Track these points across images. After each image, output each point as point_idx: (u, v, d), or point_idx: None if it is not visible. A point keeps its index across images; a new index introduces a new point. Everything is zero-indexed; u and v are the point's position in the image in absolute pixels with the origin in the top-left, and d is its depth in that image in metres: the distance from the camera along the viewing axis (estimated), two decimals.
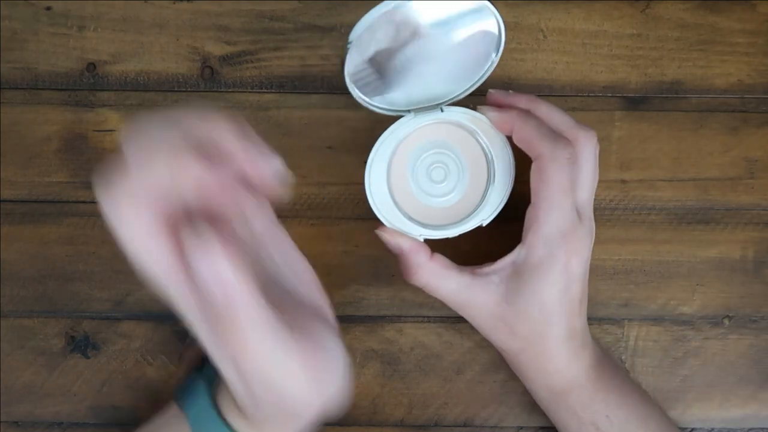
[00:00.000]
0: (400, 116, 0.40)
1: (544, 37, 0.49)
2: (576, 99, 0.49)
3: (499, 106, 0.41)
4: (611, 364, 0.45)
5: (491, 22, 0.38)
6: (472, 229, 0.42)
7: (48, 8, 0.49)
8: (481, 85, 0.42)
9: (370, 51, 0.38)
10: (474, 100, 0.42)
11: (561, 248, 0.39)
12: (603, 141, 0.49)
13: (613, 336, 0.49)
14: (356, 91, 0.39)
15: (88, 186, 0.49)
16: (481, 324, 0.43)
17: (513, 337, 0.42)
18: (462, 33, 0.39)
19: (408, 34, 0.38)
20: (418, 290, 0.49)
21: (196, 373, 0.41)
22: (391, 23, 0.36)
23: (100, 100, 0.49)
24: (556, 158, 0.39)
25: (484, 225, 0.41)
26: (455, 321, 0.49)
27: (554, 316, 0.40)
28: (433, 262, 0.41)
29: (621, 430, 0.42)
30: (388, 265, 0.49)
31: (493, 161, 0.41)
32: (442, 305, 0.49)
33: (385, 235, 0.41)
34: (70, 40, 0.49)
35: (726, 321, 0.49)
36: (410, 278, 0.42)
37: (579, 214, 0.40)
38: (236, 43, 0.49)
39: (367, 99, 0.40)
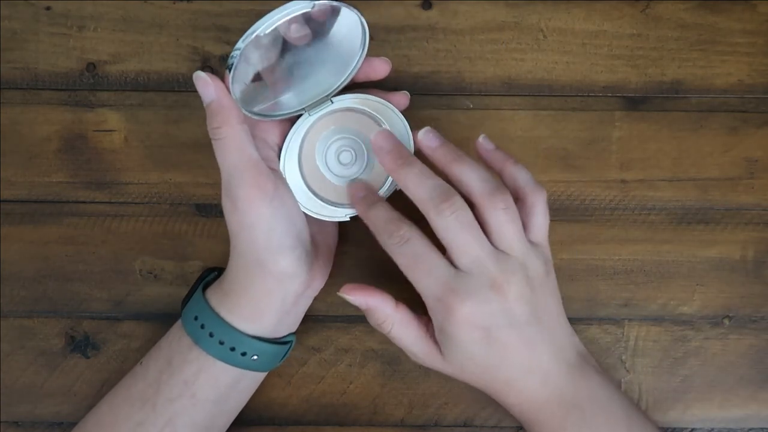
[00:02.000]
0: (298, 116, 0.43)
1: (544, 37, 0.49)
2: (576, 99, 0.49)
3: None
4: (588, 395, 0.43)
5: (350, 16, 0.40)
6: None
7: (48, 8, 0.49)
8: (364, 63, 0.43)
9: (249, 75, 0.41)
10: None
11: (445, 311, 0.39)
12: (603, 141, 0.49)
13: (613, 336, 0.49)
14: (249, 113, 0.41)
15: (88, 186, 0.49)
16: (443, 372, 0.43)
17: (467, 381, 0.43)
18: (328, 31, 0.41)
19: (278, 51, 0.41)
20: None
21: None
22: (259, 47, 0.40)
23: (99, 100, 0.49)
24: (389, 248, 0.40)
25: (398, 188, 0.43)
26: None
27: (493, 367, 0.41)
28: (399, 313, 0.42)
29: None
30: (388, 265, 0.49)
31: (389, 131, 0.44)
32: None
33: (348, 297, 0.42)
34: (70, 40, 0.49)
35: (726, 321, 0.49)
36: (378, 327, 0.42)
37: (458, 270, 0.39)
38: (235, 43, 0.49)
39: (261, 115, 0.42)
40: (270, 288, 0.41)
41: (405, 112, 0.44)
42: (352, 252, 0.49)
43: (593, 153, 0.49)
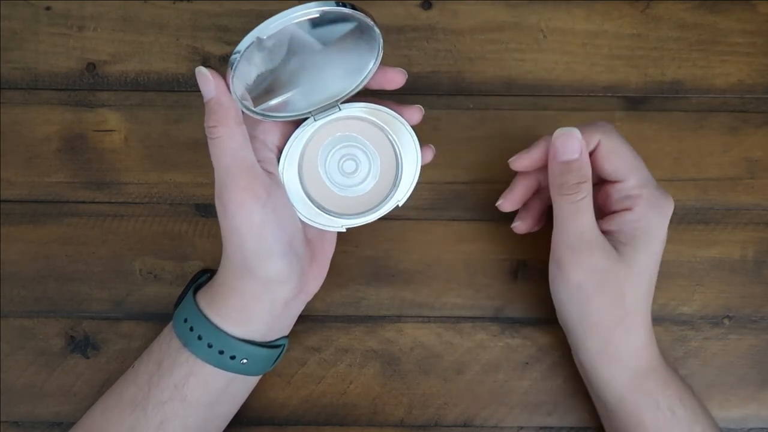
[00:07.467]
0: (302, 119, 0.42)
1: (544, 37, 0.49)
2: (576, 99, 0.49)
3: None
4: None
5: (363, 22, 0.38)
6: (392, 209, 0.43)
7: (48, 8, 0.49)
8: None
9: (252, 75, 0.39)
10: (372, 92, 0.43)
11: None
12: None
13: None
14: (250, 112, 0.40)
15: (88, 186, 0.49)
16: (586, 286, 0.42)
17: (618, 305, 0.41)
18: (339, 36, 0.40)
19: (284, 53, 0.39)
20: (418, 290, 0.49)
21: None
22: (262, 49, 0.38)
23: (99, 100, 0.49)
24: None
25: (400, 205, 0.43)
26: (455, 321, 0.49)
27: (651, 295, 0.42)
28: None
29: (693, 414, 0.43)
30: (388, 265, 0.49)
31: (397, 145, 0.43)
32: (442, 305, 0.49)
33: None
34: (70, 40, 0.49)
35: (726, 321, 0.49)
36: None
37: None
38: (236, 43, 0.49)
39: (263, 115, 0.41)
40: (258, 293, 0.41)
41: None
42: (353, 252, 0.49)
43: None
